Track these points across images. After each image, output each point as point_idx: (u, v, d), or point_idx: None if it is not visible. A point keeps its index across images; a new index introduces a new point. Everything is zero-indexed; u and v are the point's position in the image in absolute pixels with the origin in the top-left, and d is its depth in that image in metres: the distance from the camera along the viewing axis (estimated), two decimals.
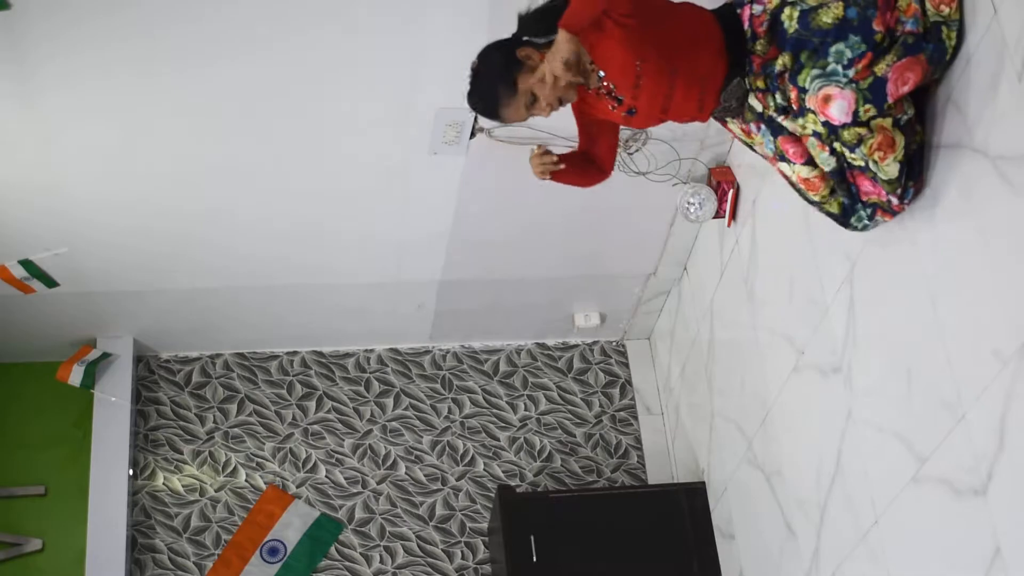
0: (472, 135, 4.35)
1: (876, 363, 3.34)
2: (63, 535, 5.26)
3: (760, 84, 2.87)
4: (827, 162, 2.88)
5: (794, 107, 2.83)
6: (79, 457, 5.37)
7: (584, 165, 3.13)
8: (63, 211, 4.52)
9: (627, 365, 5.87)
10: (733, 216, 4.52)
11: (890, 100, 2.70)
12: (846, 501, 3.59)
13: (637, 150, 4.48)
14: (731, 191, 4.49)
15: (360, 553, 5.40)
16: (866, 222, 3.01)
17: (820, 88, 2.73)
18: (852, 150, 2.79)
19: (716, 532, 4.91)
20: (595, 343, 5.89)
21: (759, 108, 2.92)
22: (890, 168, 2.81)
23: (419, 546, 5.43)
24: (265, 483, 5.49)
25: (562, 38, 2.72)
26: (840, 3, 2.73)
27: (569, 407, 5.75)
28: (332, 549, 5.39)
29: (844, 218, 3.04)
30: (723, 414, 4.79)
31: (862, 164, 2.82)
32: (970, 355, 2.80)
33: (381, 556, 5.40)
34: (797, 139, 2.92)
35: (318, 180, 4.58)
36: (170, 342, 5.65)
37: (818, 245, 3.70)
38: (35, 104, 4.02)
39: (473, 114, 3.97)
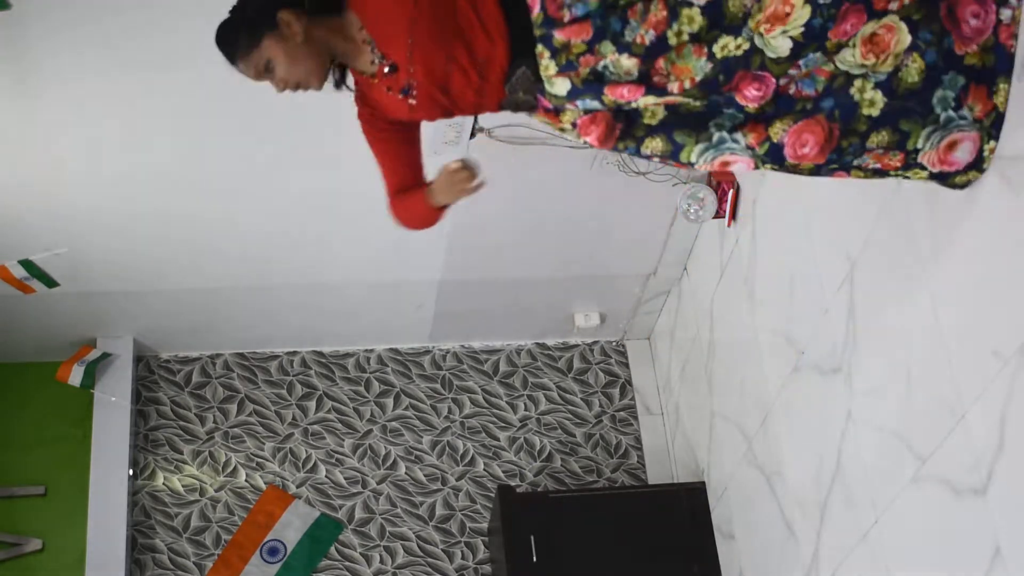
0: (472, 135, 4.35)
1: (876, 363, 3.34)
2: (63, 535, 5.26)
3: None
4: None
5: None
6: (79, 457, 5.37)
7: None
8: (63, 211, 4.52)
9: (627, 365, 5.87)
10: (733, 216, 4.52)
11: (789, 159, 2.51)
12: (846, 501, 3.59)
13: None
14: (731, 191, 4.49)
15: (360, 553, 5.40)
16: (951, 112, 2.51)
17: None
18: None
19: (716, 532, 4.91)
20: (595, 343, 5.89)
21: (566, 89, 2.50)
22: None
23: (419, 546, 5.43)
24: (265, 483, 5.49)
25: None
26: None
27: (569, 407, 5.75)
28: (332, 549, 5.39)
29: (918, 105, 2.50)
30: (723, 414, 4.79)
31: None
32: (970, 355, 2.80)
33: (381, 556, 5.40)
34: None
35: (318, 180, 4.57)
36: (170, 342, 5.65)
37: (818, 245, 3.70)
38: (35, 104, 4.02)
39: None
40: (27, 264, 4.16)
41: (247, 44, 2.54)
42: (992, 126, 2.53)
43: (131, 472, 5.41)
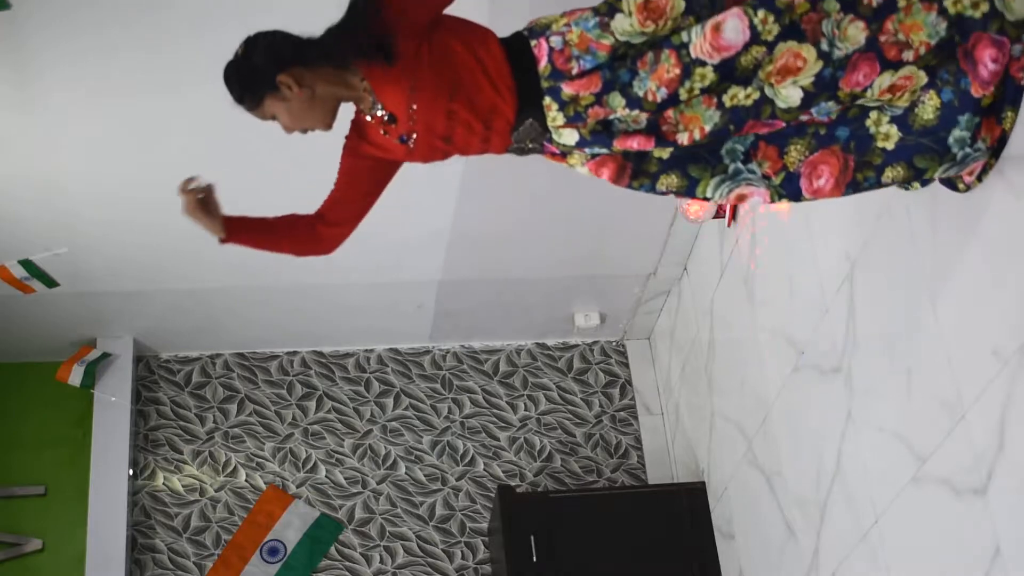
0: None
1: (876, 363, 3.34)
2: (63, 535, 5.26)
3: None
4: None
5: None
6: (79, 457, 5.37)
7: (294, 231, 2.88)
8: (63, 211, 4.52)
9: (627, 365, 5.87)
10: (733, 216, 4.52)
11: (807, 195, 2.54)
12: (846, 501, 3.59)
13: None
14: None
15: (360, 553, 5.40)
16: (967, 149, 2.50)
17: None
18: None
19: (716, 532, 4.91)
20: (595, 343, 5.89)
21: (574, 139, 2.54)
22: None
23: (419, 546, 5.43)
24: (265, 483, 5.49)
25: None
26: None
27: (569, 407, 5.75)
28: (332, 549, 5.39)
29: (935, 144, 2.49)
30: (723, 414, 4.79)
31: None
32: (970, 355, 2.80)
33: (381, 556, 5.40)
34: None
35: (318, 180, 4.56)
36: (170, 342, 5.65)
37: (818, 245, 3.70)
38: (36, 103, 4.02)
39: None
40: (27, 264, 4.15)
41: (250, 103, 2.64)
42: (998, 148, 2.55)
43: (131, 472, 5.41)
